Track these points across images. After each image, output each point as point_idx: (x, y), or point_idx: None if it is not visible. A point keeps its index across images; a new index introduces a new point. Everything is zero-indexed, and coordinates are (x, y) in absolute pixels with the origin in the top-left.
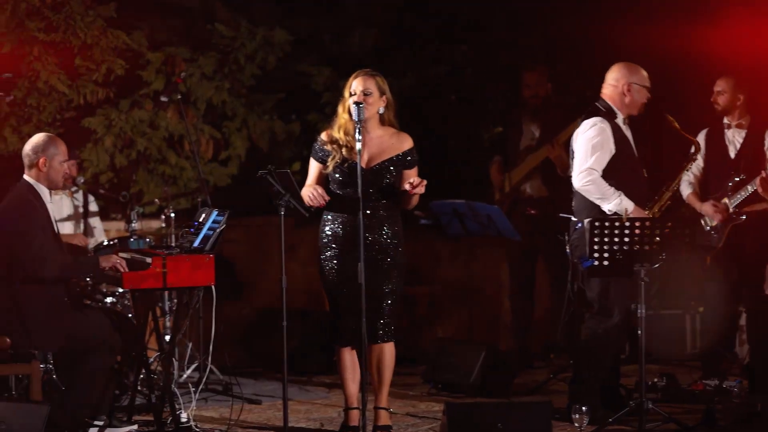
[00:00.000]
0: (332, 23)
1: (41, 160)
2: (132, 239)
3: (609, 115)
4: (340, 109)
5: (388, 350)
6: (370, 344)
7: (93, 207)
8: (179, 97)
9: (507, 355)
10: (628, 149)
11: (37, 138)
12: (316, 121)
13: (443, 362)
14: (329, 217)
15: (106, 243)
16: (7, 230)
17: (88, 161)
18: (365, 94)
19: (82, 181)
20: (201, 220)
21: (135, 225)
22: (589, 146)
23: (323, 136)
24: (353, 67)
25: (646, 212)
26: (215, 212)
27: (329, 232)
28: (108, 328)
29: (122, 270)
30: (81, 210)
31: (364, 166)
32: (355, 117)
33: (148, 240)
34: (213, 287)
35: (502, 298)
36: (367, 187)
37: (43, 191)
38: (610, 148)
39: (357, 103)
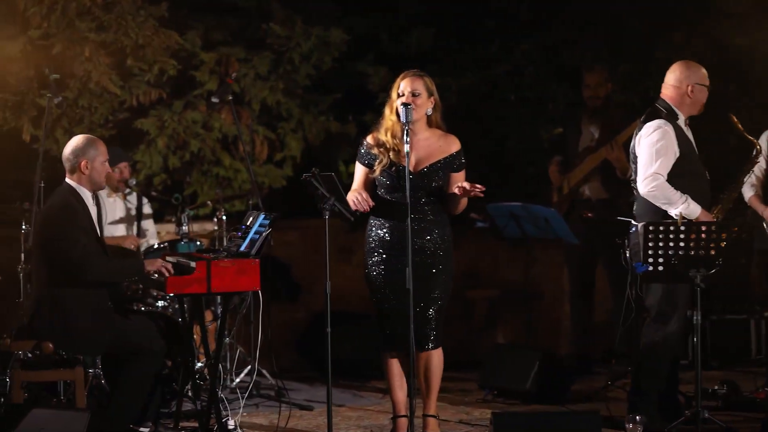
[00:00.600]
0: (389, 22)
1: (83, 163)
2: (183, 242)
3: (670, 116)
4: (386, 110)
5: (436, 357)
6: (417, 351)
7: (146, 209)
8: (230, 97)
9: (564, 360)
10: (690, 151)
11: (76, 140)
12: (372, 122)
13: (498, 368)
14: (376, 221)
15: (156, 246)
16: (50, 233)
17: (141, 163)
18: (413, 95)
19: (134, 183)
20: (248, 223)
21: (185, 228)
22: (652, 150)
23: (369, 139)
24: (410, 67)
25: (712, 216)
26: (262, 215)
27: (376, 237)
28: (153, 334)
29: (167, 274)
30: (134, 212)
31: (411, 169)
32: (403, 119)
33: (198, 243)
34: (260, 292)
35: (563, 303)
36: (415, 191)
37: (86, 194)
38: (675, 151)
39: (405, 105)
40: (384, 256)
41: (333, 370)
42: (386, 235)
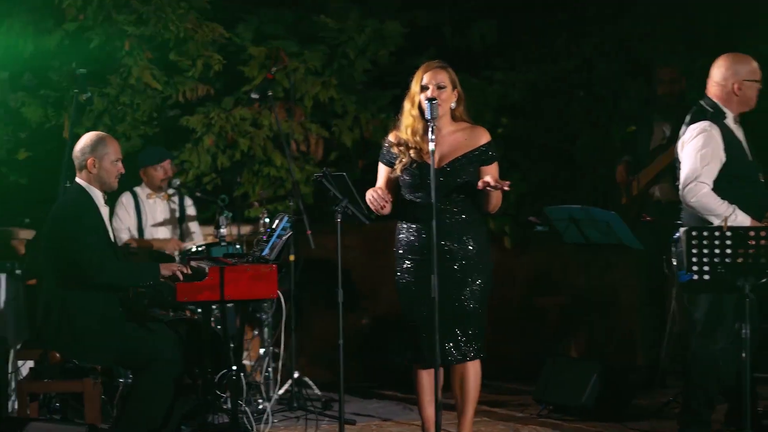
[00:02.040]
0: (452, 15)
1: (89, 161)
2: (222, 245)
3: (717, 116)
4: (406, 105)
5: (472, 370)
6: (451, 364)
7: (190, 211)
8: (270, 93)
9: (626, 373)
10: (740, 153)
11: (85, 138)
12: None
13: (555, 381)
14: (403, 225)
15: (193, 249)
16: (57, 234)
17: (189, 162)
18: (439, 87)
19: (177, 183)
20: (273, 226)
21: (223, 231)
22: (697, 157)
23: (390, 137)
24: (472, 62)
25: (763, 223)
26: (285, 218)
27: (404, 242)
28: (169, 344)
29: (182, 277)
30: (178, 214)
31: (436, 166)
32: (428, 114)
33: (238, 247)
34: (281, 298)
35: (637, 311)
36: (442, 190)
37: (96, 194)
38: (720, 157)
39: (430, 99)
40: (413, 262)
41: (387, 381)
42: (414, 239)
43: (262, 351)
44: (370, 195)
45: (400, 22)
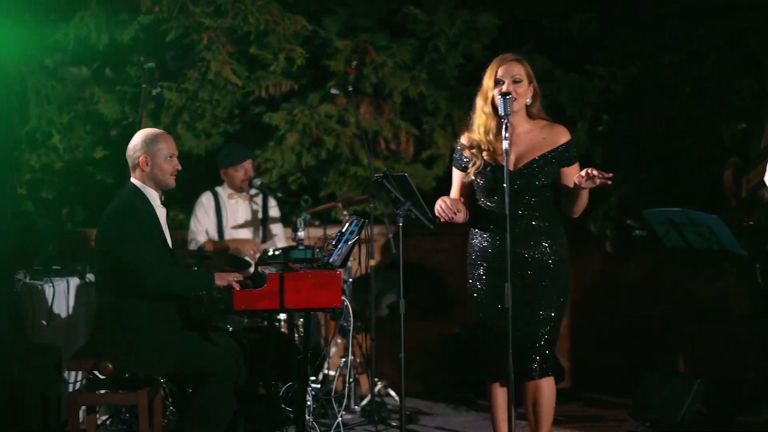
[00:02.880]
0: (550, 5)
1: (141, 159)
2: (300, 248)
3: None
4: (478, 101)
5: (546, 387)
6: (524, 380)
7: (273, 212)
8: (350, 88)
9: (730, 387)
10: None
11: (137, 135)
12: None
13: (652, 396)
14: (476, 231)
15: (270, 253)
16: (111, 238)
17: (272, 161)
18: (514, 82)
19: (259, 182)
20: (344, 230)
21: (301, 233)
22: None
23: (462, 139)
24: (571, 56)
25: None
26: (354, 221)
27: (477, 249)
28: (230, 355)
29: (237, 287)
30: (260, 215)
31: (511, 168)
32: (501, 111)
33: (318, 250)
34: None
35: (748, 321)
36: (518, 193)
37: (152, 194)
38: None
39: (504, 95)
40: (485, 270)
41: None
42: (487, 246)
43: (342, 360)
44: (438, 206)
45: (494, 13)
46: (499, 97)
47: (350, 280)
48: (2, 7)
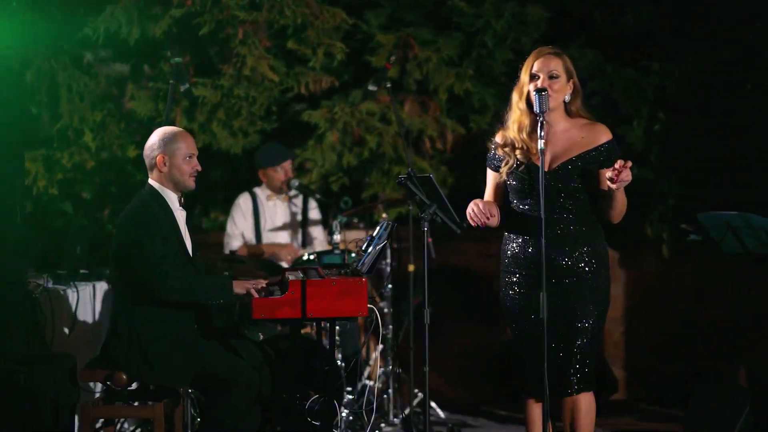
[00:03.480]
0: None
1: (159, 159)
2: (336, 252)
3: None
4: (514, 96)
5: (584, 403)
6: (562, 396)
7: (314, 214)
8: (389, 84)
9: None
10: None
11: (155, 133)
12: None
13: (705, 409)
14: (510, 236)
15: (306, 257)
16: (125, 242)
17: (312, 161)
18: (550, 77)
19: (297, 183)
20: (375, 234)
21: (337, 237)
22: None
23: (497, 137)
24: (624, 51)
25: None
26: (384, 225)
27: (510, 255)
28: (252, 365)
29: (256, 295)
30: (299, 217)
31: (546, 169)
32: (537, 108)
33: (353, 255)
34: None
35: None
36: (553, 195)
37: (170, 196)
38: None
39: (539, 91)
40: (519, 277)
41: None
42: (520, 251)
43: (381, 370)
44: (470, 209)
45: (543, 5)
46: (534, 93)
47: (389, 286)
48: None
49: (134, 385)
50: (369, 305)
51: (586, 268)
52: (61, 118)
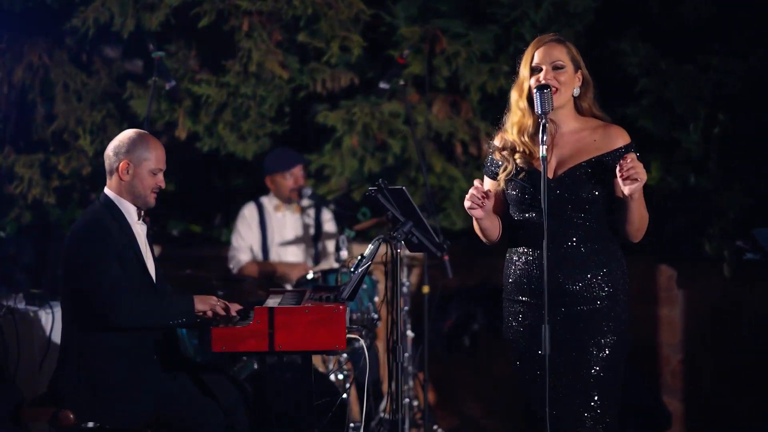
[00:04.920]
0: None
1: (122, 165)
2: (343, 271)
3: None
4: (513, 95)
5: None
6: None
7: (329, 227)
8: (402, 82)
9: None
10: None
11: (122, 135)
12: (635, 117)
13: None
14: (513, 254)
15: (310, 276)
16: (72, 261)
17: (330, 168)
18: (555, 68)
19: (310, 192)
20: (365, 253)
21: (343, 253)
22: None
23: (496, 140)
24: (681, 45)
25: None
26: (375, 242)
27: (513, 279)
28: (219, 402)
29: (222, 313)
30: (312, 231)
31: (550, 176)
32: (539, 108)
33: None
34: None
35: None
36: (559, 207)
37: (127, 208)
38: None
39: (541, 88)
40: (523, 306)
41: None
42: (523, 274)
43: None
44: (469, 194)
45: None
46: (536, 90)
47: (406, 308)
48: None
49: (90, 424)
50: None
51: (602, 293)
52: (56, 119)
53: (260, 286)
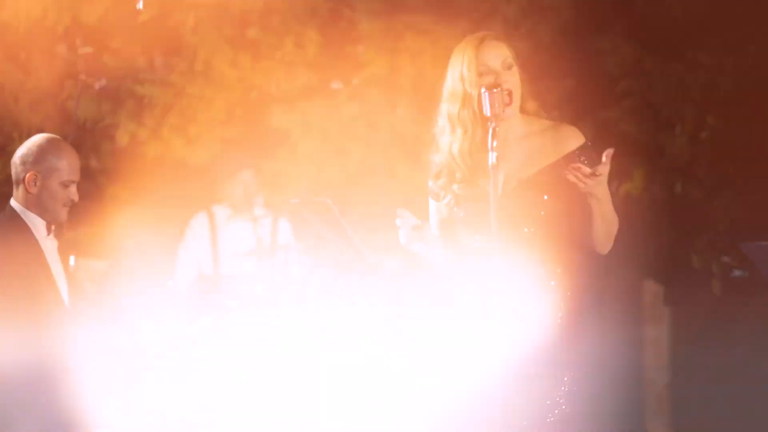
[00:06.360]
0: None
1: (29, 176)
2: None
3: None
4: (448, 107)
5: None
6: None
7: (285, 238)
8: (355, 81)
9: None
10: None
11: (31, 141)
12: (615, 120)
13: None
14: (460, 282)
15: None
16: None
17: (285, 175)
18: (506, 67)
19: (262, 201)
20: None
21: None
22: None
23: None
24: (668, 43)
25: None
26: None
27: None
28: None
29: None
30: (268, 243)
31: (498, 191)
32: (487, 110)
33: None
34: None
35: None
36: (513, 227)
37: (35, 222)
38: None
39: (490, 87)
40: None
41: None
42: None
43: None
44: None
45: None
46: (483, 91)
47: None
48: None
49: None
50: None
51: (561, 326)
52: None
53: None
